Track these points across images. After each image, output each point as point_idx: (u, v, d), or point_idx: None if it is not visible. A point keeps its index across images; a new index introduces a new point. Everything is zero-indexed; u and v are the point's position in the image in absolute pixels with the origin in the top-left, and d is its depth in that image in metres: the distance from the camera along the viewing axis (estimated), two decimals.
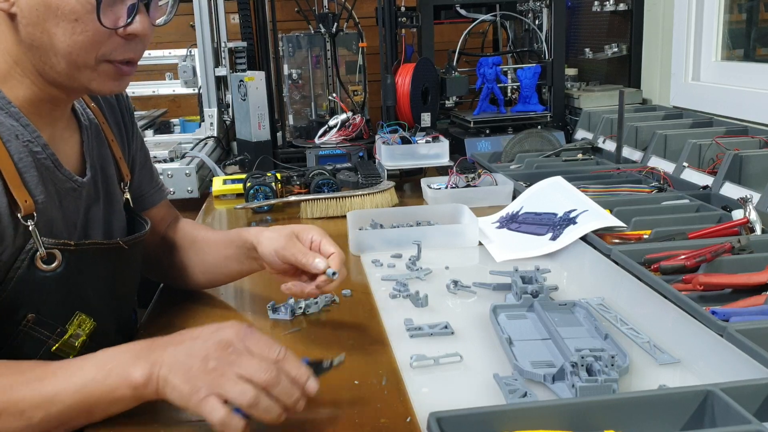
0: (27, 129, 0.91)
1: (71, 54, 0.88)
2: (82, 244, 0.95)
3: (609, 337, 0.92)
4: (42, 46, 0.88)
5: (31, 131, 0.92)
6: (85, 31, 0.86)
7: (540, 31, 2.29)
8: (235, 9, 2.78)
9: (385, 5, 2.06)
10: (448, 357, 0.91)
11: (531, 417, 0.71)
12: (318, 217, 1.63)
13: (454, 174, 1.71)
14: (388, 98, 2.07)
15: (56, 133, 0.97)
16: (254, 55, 2.58)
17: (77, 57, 0.88)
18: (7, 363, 0.81)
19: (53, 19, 0.86)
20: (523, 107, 2.25)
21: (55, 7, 0.85)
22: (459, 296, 1.15)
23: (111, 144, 1.09)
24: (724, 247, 1.10)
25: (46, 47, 0.87)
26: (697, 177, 1.59)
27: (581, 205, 1.37)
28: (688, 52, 2.14)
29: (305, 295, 1.00)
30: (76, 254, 0.94)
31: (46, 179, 0.93)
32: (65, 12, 0.85)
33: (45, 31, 0.86)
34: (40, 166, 0.92)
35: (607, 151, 1.96)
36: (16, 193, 0.88)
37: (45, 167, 0.93)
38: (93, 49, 0.88)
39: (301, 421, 0.80)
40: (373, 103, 2.52)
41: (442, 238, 1.37)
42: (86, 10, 0.86)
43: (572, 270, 1.23)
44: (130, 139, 1.16)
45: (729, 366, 0.82)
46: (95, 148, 1.05)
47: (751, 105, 1.86)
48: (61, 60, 0.88)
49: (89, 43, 0.87)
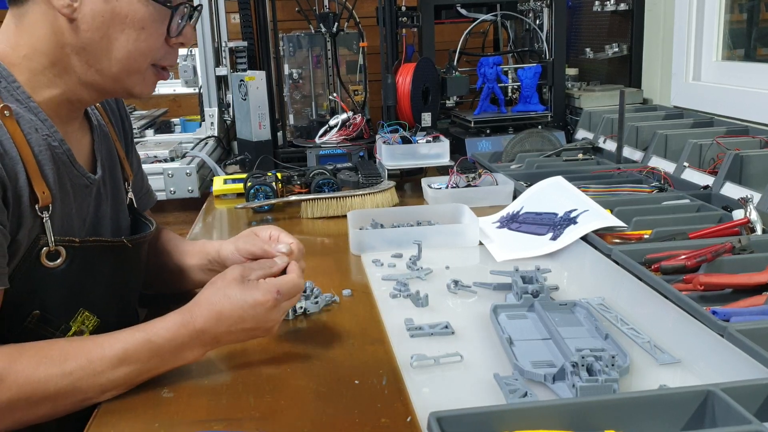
0: (45, 124, 0.93)
1: (129, 59, 0.93)
2: (87, 241, 0.96)
3: (609, 337, 0.92)
4: (97, 51, 0.91)
5: (49, 126, 0.93)
6: (149, 39, 0.93)
7: (541, 30, 2.29)
8: (236, 8, 2.78)
9: (385, 5, 2.06)
10: (448, 357, 0.91)
11: (531, 417, 0.71)
12: (318, 216, 1.63)
13: (455, 174, 1.71)
14: (388, 98, 2.06)
15: (70, 131, 0.99)
16: (255, 54, 2.58)
17: (134, 62, 0.93)
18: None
19: (119, 26, 0.90)
20: (523, 107, 2.25)
21: (124, 15, 0.90)
22: (459, 296, 1.15)
23: (116, 144, 1.11)
24: (725, 247, 1.10)
25: (102, 52, 0.92)
26: (698, 177, 1.59)
27: (582, 205, 1.37)
28: (688, 52, 2.14)
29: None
30: (80, 251, 0.94)
31: (62, 173, 0.95)
32: (134, 20, 0.91)
33: (106, 36, 0.91)
34: (57, 160, 0.94)
35: (608, 151, 1.96)
36: (35, 185, 0.89)
37: (62, 162, 0.95)
38: (150, 55, 0.94)
39: (301, 421, 0.80)
40: (373, 102, 2.52)
41: (442, 238, 1.37)
42: (154, 19, 0.92)
43: (573, 270, 1.23)
44: (129, 143, 1.18)
45: (729, 366, 0.82)
46: (104, 148, 1.07)
47: (752, 105, 1.86)
48: (115, 64, 0.92)
49: (148, 50, 0.94)
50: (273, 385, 0.89)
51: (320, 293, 1.13)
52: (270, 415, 0.82)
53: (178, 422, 0.81)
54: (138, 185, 1.21)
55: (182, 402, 0.85)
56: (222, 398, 0.86)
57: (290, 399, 0.85)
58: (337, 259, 1.36)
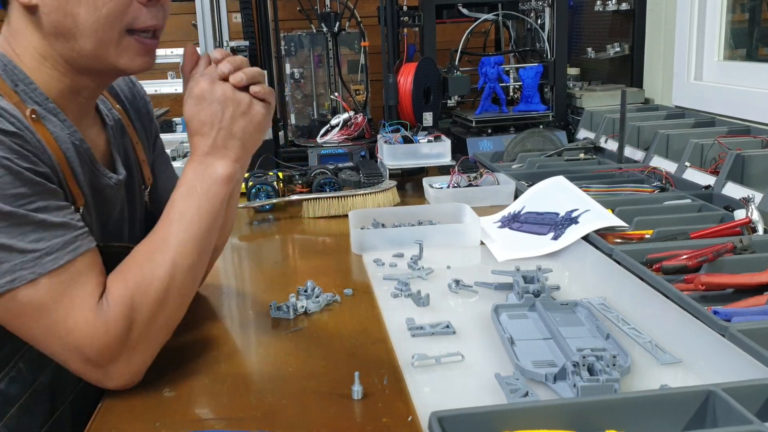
0: (65, 123, 0.92)
1: (97, 31, 0.88)
2: (111, 246, 0.95)
3: (611, 337, 0.92)
4: (67, 32, 0.88)
5: (69, 125, 0.93)
6: (107, 3, 0.87)
7: (542, 30, 2.29)
8: (237, 8, 2.77)
9: (387, 4, 2.06)
10: (449, 356, 0.91)
11: (532, 417, 0.71)
12: (320, 216, 1.63)
13: (456, 173, 1.71)
14: (390, 97, 2.06)
15: (83, 130, 0.97)
16: (256, 54, 2.58)
17: (103, 33, 0.88)
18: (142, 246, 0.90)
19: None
20: (525, 107, 2.25)
21: None
22: (461, 296, 1.15)
23: (135, 146, 1.10)
24: (726, 247, 1.10)
25: (72, 31, 0.88)
26: (700, 177, 1.59)
27: (583, 205, 1.37)
28: (690, 52, 2.14)
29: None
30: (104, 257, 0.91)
31: (89, 174, 0.94)
32: None
33: (68, 14, 0.87)
34: (84, 160, 0.94)
35: (609, 150, 1.96)
36: (71, 186, 0.89)
37: (87, 162, 0.94)
38: (117, 20, 0.88)
39: (302, 421, 0.80)
40: (375, 102, 2.52)
41: (443, 238, 1.37)
42: None
43: (574, 270, 1.23)
44: (153, 144, 1.17)
45: (731, 366, 0.82)
46: (122, 148, 1.06)
47: (754, 105, 1.85)
48: (87, 41, 0.88)
49: (113, 15, 0.88)
50: (274, 385, 0.89)
51: (321, 293, 1.13)
52: (271, 414, 0.82)
53: (179, 421, 0.81)
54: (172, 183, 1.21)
55: (183, 401, 0.85)
56: (223, 397, 0.86)
57: (291, 398, 0.85)
58: (338, 258, 1.37)
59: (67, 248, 0.82)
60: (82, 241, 0.84)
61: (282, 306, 1.09)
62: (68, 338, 0.82)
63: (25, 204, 0.80)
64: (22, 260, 0.79)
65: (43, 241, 0.80)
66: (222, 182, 0.92)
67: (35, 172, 0.82)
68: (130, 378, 0.86)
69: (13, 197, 0.79)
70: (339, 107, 2.28)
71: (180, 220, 0.90)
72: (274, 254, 1.46)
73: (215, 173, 0.92)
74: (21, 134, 0.82)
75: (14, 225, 0.79)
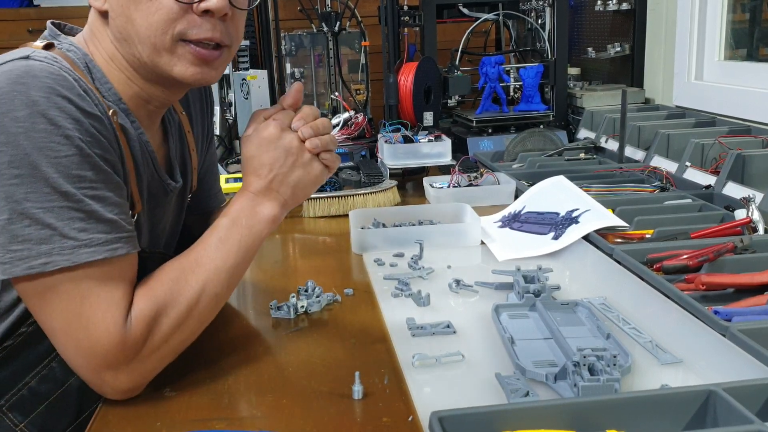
0: (134, 125, 0.93)
1: (150, 37, 0.87)
2: (155, 253, 0.95)
3: (611, 337, 0.92)
4: (129, 37, 0.89)
5: (136, 127, 0.93)
6: (161, 9, 0.86)
7: (543, 30, 2.29)
8: None
9: (387, 4, 2.06)
10: (450, 356, 0.91)
11: (533, 416, 0.71)
12: (320, 215, 1.63)
13: (457, 173, 1.71)
14: (390, 97, 2.06)
15: (150, 135, 0.97)
16: (257, 53, 2.58)
17: (155, 39, 0.87)
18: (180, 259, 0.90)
19: (134, 4, 0.87)
20: (525, 106, 2.25)
21: None
22: (461, 295, 1.15)
23: (191, 153, 1.10)
24: (727, 247, 1.10)
25: (132, 37, 0.88)
26: (700, 177, 1.59)
27: (584, 205, 1.37)
28: (691, 52, 2.14)
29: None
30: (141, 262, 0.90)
31: (149, 178, 0.95)
32: None
33: (129, 19, 0.87)
34: (147, 163, 0.94)
35: (610, 150, 1.96)
36: (133, 191, 0.90)
37: (150, 166, 0.95)
38: (168, 27, 0.87)
39: (303, 420, 0.80)
40: (375, 102, 2.52)
41: (444, 238, 1.37)
42: None
43: (574, 269, 1.23)
44: (207, 146, 1.19)
45: (731, 366, 0.82)
46: (180, 156, 1.07)
47: (754, 105, 1.85)
48: (143, 46, 0.88)
49: (164, 22, 0.86)
50: (275, 385, 0.89)
51: (322, 292, 1.13)
52: (271, 414, 0.82)
53: (179, 421, 0.81)
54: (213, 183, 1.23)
55: (184, 401, 0.85)
56: (224, 397, 0.86)
57: (292, 398, 0.85)
58: (338, 258, 1.37)
59: (106, 246, 0.81)
60: (125, 243, 0.83)
61: (282, 306, 1.09)
62: (84, 341, 0.81)
63: (85, 188, 0.80)
64: (61, 245, 0.78)
65: (85, 233, 0.80)
66: (267, 222, 0.93)
67: (105, 159, 0.83)
68: (129, 391, 0.85)
69: (76, 178, 0.79)
70: (339, 107, 2.28)
71: (219, 247, 0.90)
72: (275, 254, 1.46)
73: (262, 212, 0.93)
74: (101, 118, 0.83)
75: (66, 207, 0.78)
